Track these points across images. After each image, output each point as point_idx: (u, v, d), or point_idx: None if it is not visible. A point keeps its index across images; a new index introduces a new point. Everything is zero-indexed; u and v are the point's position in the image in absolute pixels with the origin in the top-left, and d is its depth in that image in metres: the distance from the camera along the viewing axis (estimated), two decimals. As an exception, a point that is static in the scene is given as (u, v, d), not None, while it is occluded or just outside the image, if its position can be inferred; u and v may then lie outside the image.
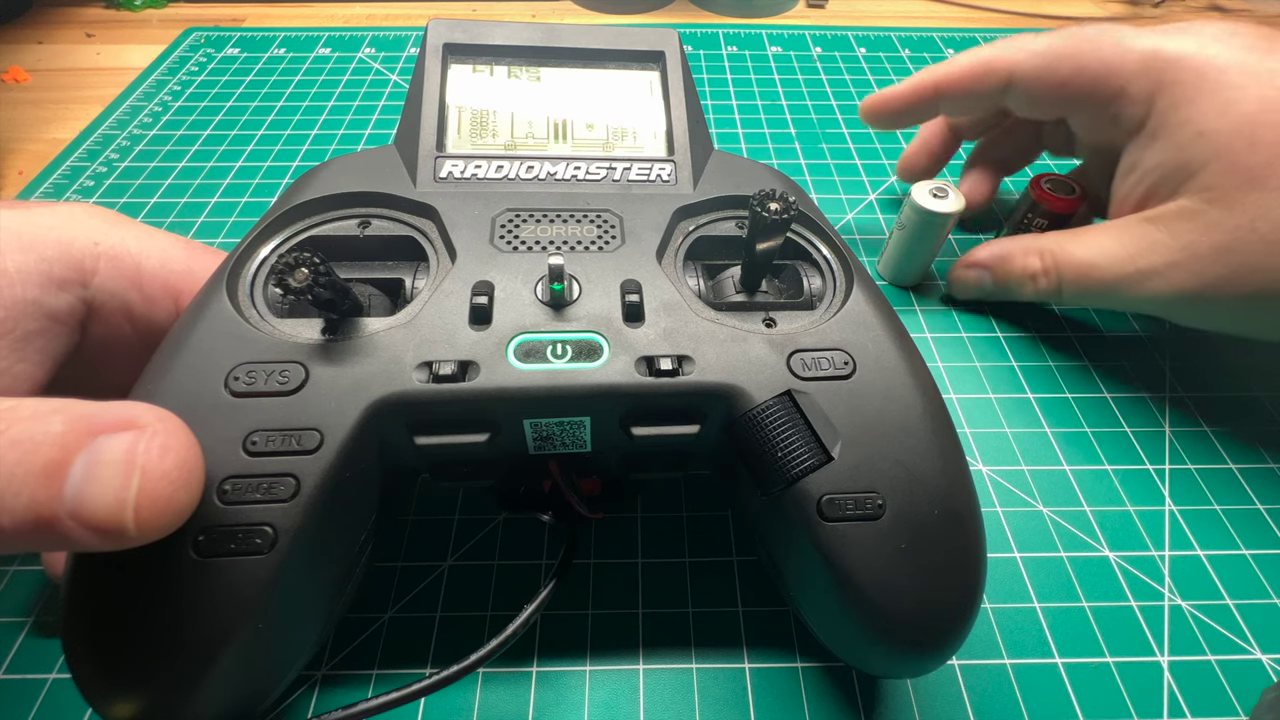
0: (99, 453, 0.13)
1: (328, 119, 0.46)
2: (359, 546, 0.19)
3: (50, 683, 0.22)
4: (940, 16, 0.63)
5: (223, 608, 0.15)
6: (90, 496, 0.13)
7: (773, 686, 0.22)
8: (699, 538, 0.26)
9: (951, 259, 0.36)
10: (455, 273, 0.20)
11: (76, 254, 0.19)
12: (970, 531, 0.18)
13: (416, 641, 0.23)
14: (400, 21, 0.60)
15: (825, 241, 0.23)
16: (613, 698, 0.22)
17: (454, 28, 0.25)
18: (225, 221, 0.39)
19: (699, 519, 0.27)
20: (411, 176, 0.22)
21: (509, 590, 0.24)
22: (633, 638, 0.23)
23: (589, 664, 0.23)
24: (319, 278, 0.16)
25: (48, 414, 0.13)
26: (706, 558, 0.25)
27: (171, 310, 0.21)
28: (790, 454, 0.18)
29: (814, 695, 0.22)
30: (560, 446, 0.20)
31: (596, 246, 0.21)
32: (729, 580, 0.25)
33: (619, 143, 0.24)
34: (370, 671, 0.22)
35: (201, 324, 0.18)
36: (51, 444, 0.13)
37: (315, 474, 0.16)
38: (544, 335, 0.19)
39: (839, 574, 0.17)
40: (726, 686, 0.22)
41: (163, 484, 0.13)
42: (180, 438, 0.14)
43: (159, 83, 0.50)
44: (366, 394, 0.17)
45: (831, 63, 0.54)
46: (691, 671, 0.23)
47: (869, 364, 0.19)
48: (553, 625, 0.24)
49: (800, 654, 0.23)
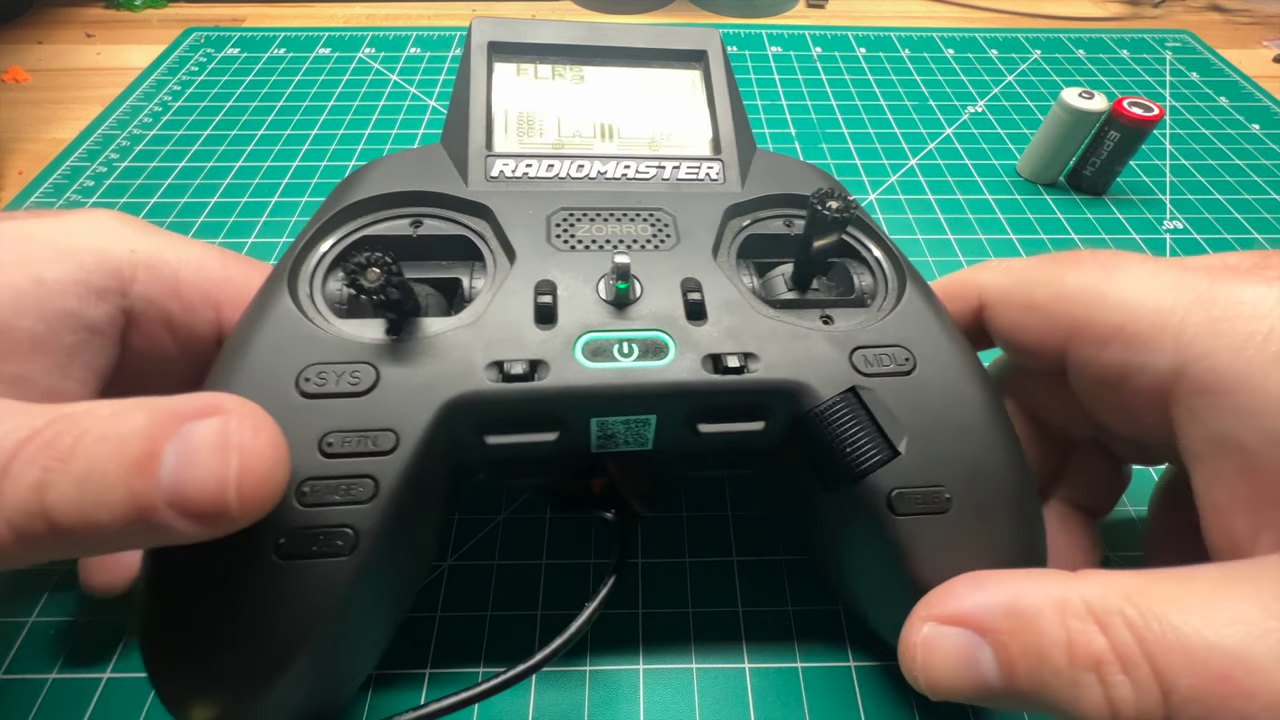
0: (190, 439, 0.13)
1: (328, 119, 0.46)
2: (427, 547, 0.19)
3: (50, 682, 0.22)
4: (940, 16, 0.63)
5: (305, 610, 0.15)
6: (189, 480, 0.13)
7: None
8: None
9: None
10: (516, 272, 0.20)
11: (114, 261, 0.19)
12: (1034, 524, 0.18)
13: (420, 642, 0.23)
14: (400, 21, 0.60)
15: (873, 239, 0.23)
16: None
17: (498, 26, 0.25)
18: (225, 221, 0.39)
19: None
20: (462, 175, 0.22)
21: (510, 590, 0.24)
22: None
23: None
24: (391, 278, 0.16)
25: (128, 409, 0.13)
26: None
27: (212, 320, 0.20)
28: (858, 450, 0.18)
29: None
30: (622, 445, 0.20)
31: (653, 245, 0.21)
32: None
33: (664, 142, 0.24)
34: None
35: (267, 324, 0.18)
36: (139, 436, 0.13)
37: (393, 475, 0.16)
38: (610, 334, 0.19)
39: (911, 568, 0.17)
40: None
41: (260, 461, 0.13)
42: (266, 419, 0.14)
43: (159, 83, 0.50)
44: (439, 394, 0.17)
45: (831, 63, 0.54)
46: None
47: (928, 359, 0.19)
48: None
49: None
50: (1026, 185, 0.43)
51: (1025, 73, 0.54)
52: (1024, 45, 0.57)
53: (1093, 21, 0.63)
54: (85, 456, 0.13)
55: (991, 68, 0.54)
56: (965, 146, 0.46)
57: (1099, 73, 0.54)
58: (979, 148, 0.46)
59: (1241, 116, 0.50)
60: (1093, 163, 0.41)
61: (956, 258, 0.38)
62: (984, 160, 0.45)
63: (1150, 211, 0.41)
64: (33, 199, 0.40)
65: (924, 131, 0.47)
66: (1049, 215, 0.41)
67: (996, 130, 0.48)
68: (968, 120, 0.49)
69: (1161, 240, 0.39)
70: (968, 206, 0.41)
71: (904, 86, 0.52)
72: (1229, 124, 0.49)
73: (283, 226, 0.38)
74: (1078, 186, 0.43)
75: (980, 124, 0.48)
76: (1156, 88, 0.53)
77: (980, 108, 0.50)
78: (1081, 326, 0.18)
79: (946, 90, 0.52)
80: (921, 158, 0.45)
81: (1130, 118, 0.38)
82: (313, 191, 0.41)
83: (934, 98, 0.51)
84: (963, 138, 0.47)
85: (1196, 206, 0.42)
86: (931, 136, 0.47)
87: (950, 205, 0.41)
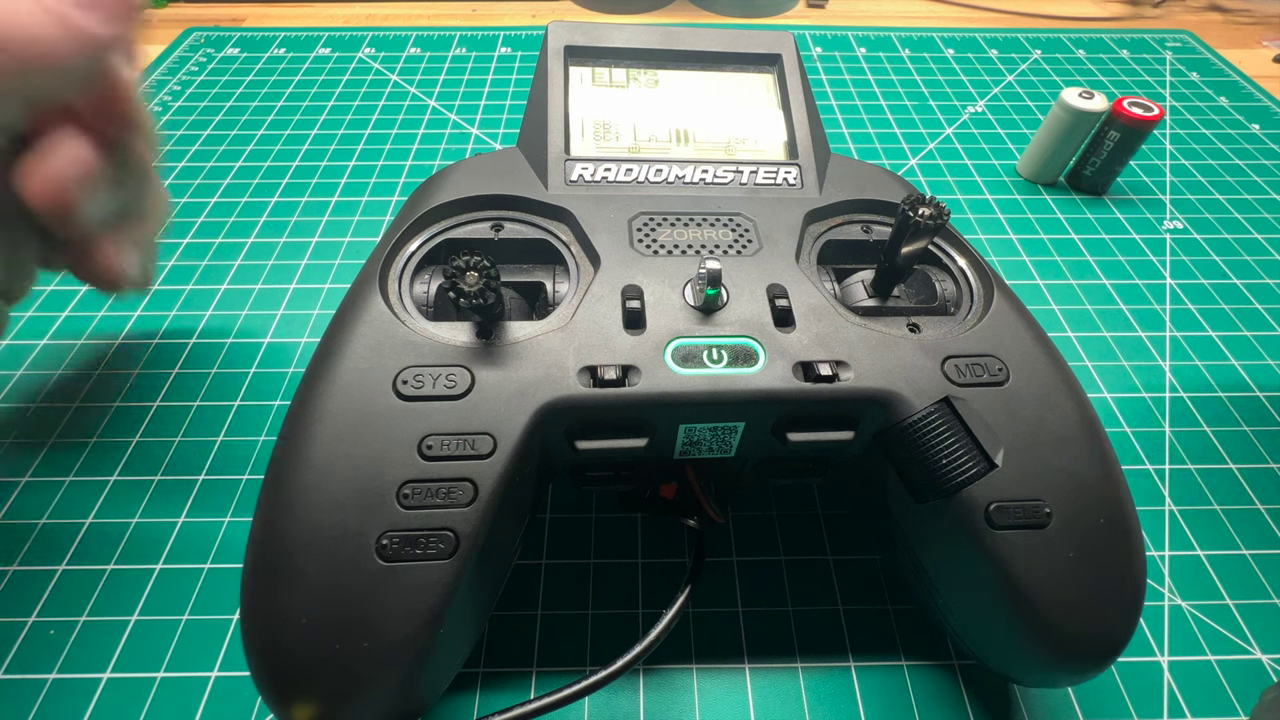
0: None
1: (328, 119, 0.46)
2: (515, 549, 0.19)
3: (50, 682, 0.22)
4: (940, 16, 0.63)
5: (409, 611, 0.15)
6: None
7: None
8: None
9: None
10: (601, 277, 0.20)
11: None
12: (1134, 538, 0.18)
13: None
14: (400, 21, 0.60)
15: (956, 246, 0.23)
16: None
17: (574, 30, 0.25)
18: (225, 221, 0.39)
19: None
20: (541, 179, 0.22)
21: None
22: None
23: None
24: (490, 282, 0.16)
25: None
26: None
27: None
28: (953, 462, 0.17)
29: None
30: (706, 451, 0.20)
31: (735, 250, 0.21)
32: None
33: (739, 146, 0.24)
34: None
35: (363, 327, 0.18)
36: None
37: (491, 478, 0.16)
38: (699, 340, 0.19)
39: (1010, 583, 0.17)
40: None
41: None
42: None
43: (159, 83, 0.50)
44: (534, 398, 0.17)
45: (831, 63, 0.54)
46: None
47: (1021, 369, 0.19)
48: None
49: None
50: (1026, 185, 0.43)
51: (1025, 73, 0.54)
52: (1024, 45, 0.57)
53: (1093, 21, 0.63)
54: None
55: (991, 68, 0.54)
56: (965, 146, 0.46)
57: (1099, 73, 0.54)
58: (979, 148, 0.46)
59: (1241, 116, 0.50)
60: (1093, 163, 0.41)
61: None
62: (984, 160, 0.45)
63: (1150, 211, 0.41)
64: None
65: (924, 131, 0.47)
66: (1049, 215, 0.41)
67: (996, 130, 0.48)
68: (968, 120, 0.49)
69: (1161, 240, 0.39)
70: (968, 206, 0.41)
71: (904, 86, 0.52)
72: (1229, 124, 0.49)
73: (281, 227, 0.38)
74: (1078, 186, 0.43)
75: (980, 124, 0.48)
76: (1156, 88, 0.53)
77: (980, 108, 0.50)
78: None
79: (946, 90, 0.52)
80: (921, 158, 0.45)
81: (1130, 118, 0.38)
82: (312, 191, 0.41)
83: (934, 98, 0.51)
84: (963, 138, 0.47)
85: (1196, 206, 0.42)
86: (931, 136, 0.47)
87: (950, 205, 0.41)
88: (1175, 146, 0.47)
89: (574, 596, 0.24)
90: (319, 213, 0.39)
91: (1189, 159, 0.46)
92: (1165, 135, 0.47)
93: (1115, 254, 0.39)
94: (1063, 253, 0.38)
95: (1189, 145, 0.47)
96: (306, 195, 0.40)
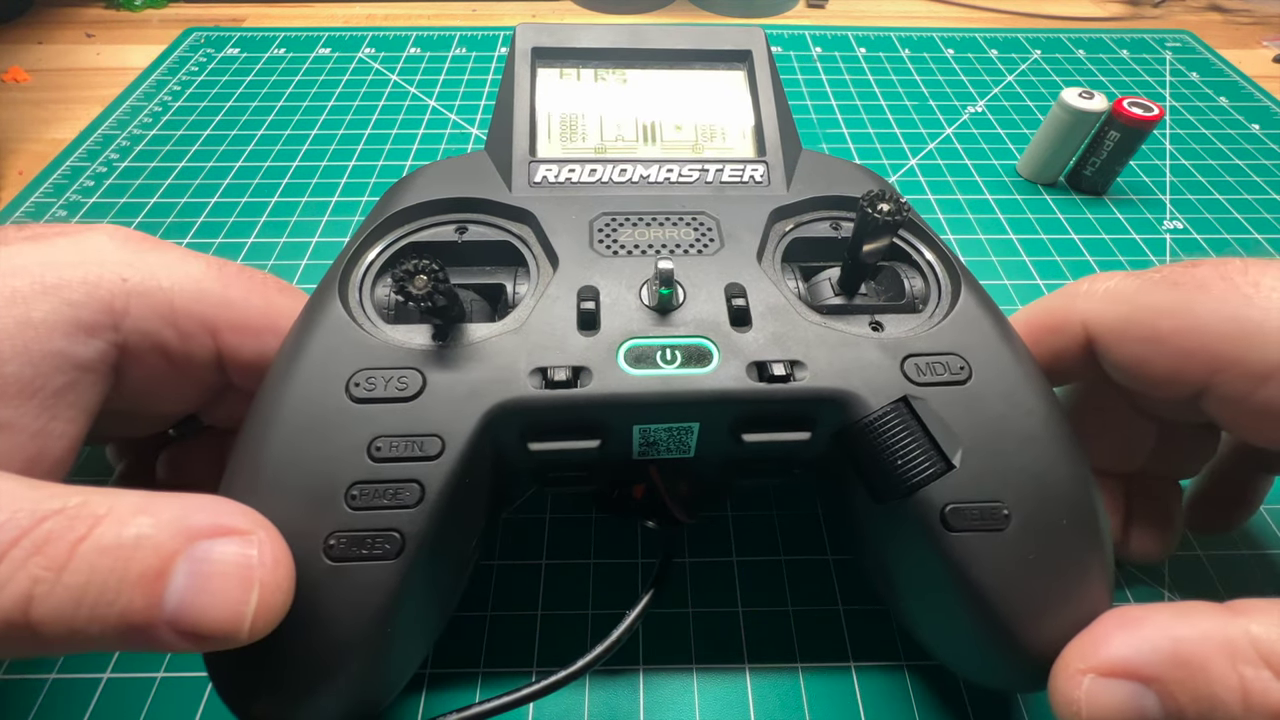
0: (206, 562, 0.13)
1: (327, 119, 0.46)
2: (471, 550, 0.19)
3: (50, 683, 0.22)
4: (940, 16, 0.63)
5: (355, 611, 0.16)
6: (201, 607, 0.12)
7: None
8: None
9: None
10: (559, 278, 0.20)
11: (105, 294, 0.17)
12: (1099, 540, 0.18)
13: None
14: (400, 21, 0.60)
15: (925, 241, 0.22)
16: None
17: (541, 31, 0.25)
18: (225, 221, 0.39)
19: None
20: (506, 182, 0.22)
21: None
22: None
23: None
24: (439, 285, 0.16)
25: (129, 513, 0.13)
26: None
27: (209, 345, 0.19)
28: (910, 462, 0.17)
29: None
30: (664, 452, 0.20)
31: (696, 249, 0.21)
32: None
33: (708, 144, 0.24)
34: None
35: (319, 330, 0.18)
36: (147, 550, 0.12)
37: (439, 480, 0.16)
38: (653, 340, 0.18)
39: (965, 587, 0.17)
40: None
41: (278, 594, 0.13)
42: (282, 547, 0.14)
43: (159, 83, 0.50)
44: (484, 400, 0.17)
45: (831, 63, 0.54)
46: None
47: (985, 368, 0.18)
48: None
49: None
50: (1026, 185, 0.43)
51: (1025, 73, 0.54)
52: (1024, 45, 0.57)
53: (1093, 21, 0.63)
54: (83, 569, 0.12)
55: (991, 68, 0.54)
56: (965, 146, 0.46)
57: (1099, 73, 0.54)
58: (979, 148, 0.46)
59: (1241, 116, 0.50)
60: (1093, 163, 0.41)
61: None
62: (984, 160, 0.45)
63: (1150, 211, 0.41)
64: (33, 199, 0.40)
65: (924, 131, 0.47)
66: (1049, 215, 0.41)
67: (996, 130, 0.48)
68: (968, 120, 0.49)
69: (1161, 240, 0.39)
70: (968, 206, 0.41)
71: (904, 86, 0.52)
72: (1229, 124, 0.49)
73: (282, 226, 0.38)
74: (1078, 186, 0.43)
75: (980, 124, 0.48)
76: (1156, 88, 0.53)
77: (980, 108, 0.50)
78: (1229, 363, 0.17)
79: (946, 90, 0.51)
80: (921, 158, 0.45)
81: (1130, 118, 0.38)
82: (313, 191, 0.41)
83: (934, 98, 0.51)
84: (963, 138, 0.47)
85: (1196, 206, 0.42)
86: (931, 136, 0.47)
87: (950, 205, 0.41)
88: (1175, 146, 0.47)
89: (574, 597, 0.24)
90: (319, 213, 0.39)
91: (1189, 159, 0.46)
92: (1165, 135, 0.47)
93: (1115, 254, 0.39)
94: (1063, 253, 0.38)
95: (1189, 145, 0.47)
96: (306, 195, 0.40)
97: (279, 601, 0.13)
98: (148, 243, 0.19)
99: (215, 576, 0.13)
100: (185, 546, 0.13)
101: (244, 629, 0.13)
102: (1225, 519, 0.24)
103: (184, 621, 0.12)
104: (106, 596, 0.12)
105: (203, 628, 0.12)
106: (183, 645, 0.12)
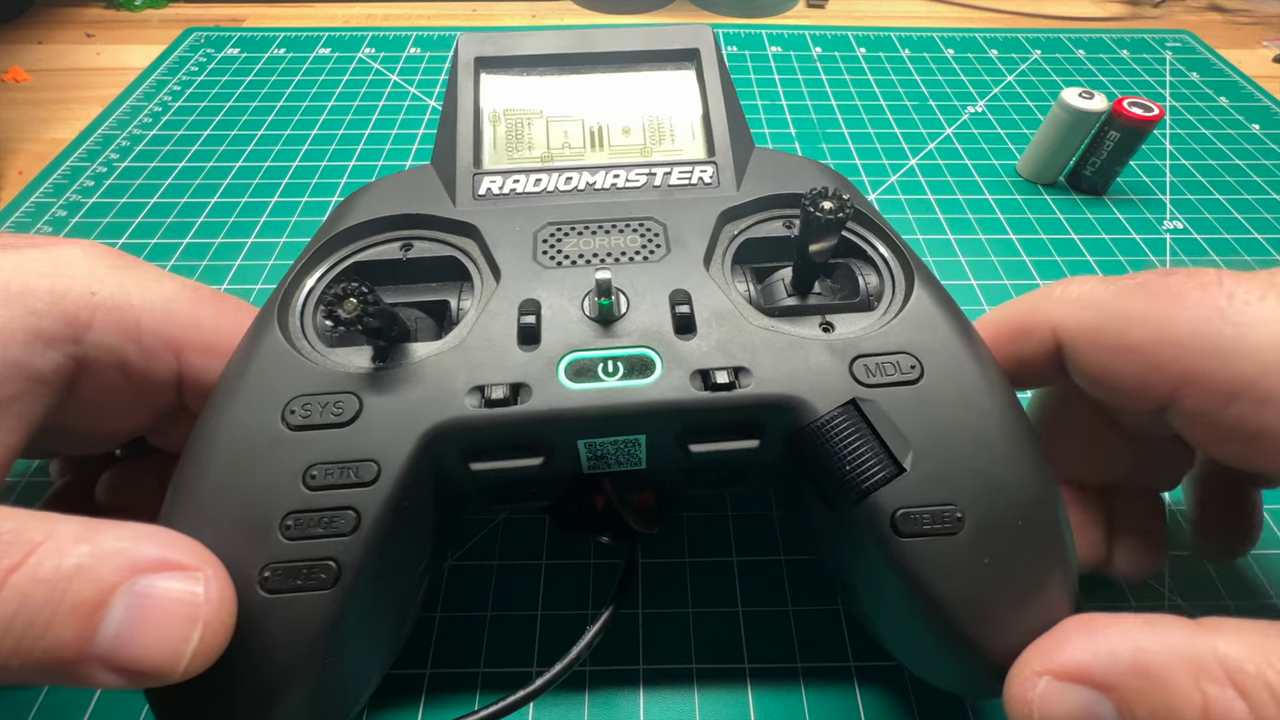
0: (148, 597, 0.12)
1: (327, 119, 0.46)
2: (419, 574, 0.19)
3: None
4: (940, 16, 0.63)
5: (292, 643, 0.15)
6: (139, 642, 0.12)
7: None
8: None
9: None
10: (500, 292, 0.19)
11: (70, 306, 0.17)
12: (1058, 541, 0.17)
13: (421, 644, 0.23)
14: (400, 21, 0.60)
15: (880, 237, 0.22)
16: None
17: (484, 41, 0.25)
18: (225, 222, 0.39)
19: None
20: (450, 195, 0.22)
21: (510, 591, 0.24)
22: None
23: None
24: (368, 307, 0.16)
25: (69, 541, 0.12)
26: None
27: (171, 365, 0.19)
28: (859, 467, 0.17)
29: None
30: (615, 465, 0.20)
31: (641, 257, 0.20)
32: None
33: (657, 146, 0.24)
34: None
35: (256, 358, 0.18)
36: (85, 581, 0.12)
37: (374, 506, 0.16)
38: (594, 353, 0.18)
39: (918, 593, 0.16)
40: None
41: (220, 633, 0.13)
42: (228, 584, 0.14)
43: (159, 83, 0.50)
44: (420, 422, 0.17)
45: (831, 63, 0.54)
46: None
47: (937, 366, 0.18)
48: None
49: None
50: (1026, 185, 0.43)
51: (1025, 73, 0.54)
52: (1024, 45, 0.57)
53: (1093, 21, 0.63)
54: (13, 598, 0.11)
55: (991, 68, 0.54)
56: (965, 146, 0.46)
57: (1099, 73, 0.54)
58: (979, 148, 0.46)
59: (1241, 116, 0.50)
60: (1093, 163, 0.41)
61: (957, 258, 0.38)
62: (984, 160, 0.45)
63: (1150, 211, 0.41)
64: (33, 199, 0.40)
65: (924, 131, 0.47)
66: (1049, 215, 0.41)
67: (996, 130, 0.48)
68: (968, 120, 0.49)
69: (1161, 240, 0.39)
70: (968, 206, 0.41)
71: (904, 86, 0.52)
72: (1229, 124, 0.49)
73: (282, 226, 0.38)
74: (1078, 186, 0.43)
75: (980, 124, 0.48)
76: (1156, 88, 0.53)
77: (980, 108, 0.50)
78: (1199, 378, 0.16)
79: (946, 90, 0.51)
80: (921, 158, 0.45)
81: (1130, 118, 0.38)
82: (312, 192, 0.41)
83: (934, 98, 0.51)
84: (963, 138, 0.47)
85: (1196, 206, 0.42)
86: (931, 136, 0.47)
87: (950, 205, 0.41)
88: (1175, 146, 0.47)
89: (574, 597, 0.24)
90: (319, 213, 0.39)
91: (1189, 159, 0.46)
92: (1165, 135, 0.47)
93: (1115, 254, 0.39)
94: (1063, 253, 0.38)
95: (1189, 145, 0.47)
96: (306, 195, 0.40)
97: (220, 640, 0.13)
98: (121, 259, 0.19)
99: (156, 612, 0.12)
100: (126, 579, 0.12)
101: (180, 666, 0.12)
102: (1229, 543, 0.24)
103: (118, 657, 0.12)
104: (34, 630, 0.11)
105: (138, 664, 0.12)
106: (114, 681, 0.12)
